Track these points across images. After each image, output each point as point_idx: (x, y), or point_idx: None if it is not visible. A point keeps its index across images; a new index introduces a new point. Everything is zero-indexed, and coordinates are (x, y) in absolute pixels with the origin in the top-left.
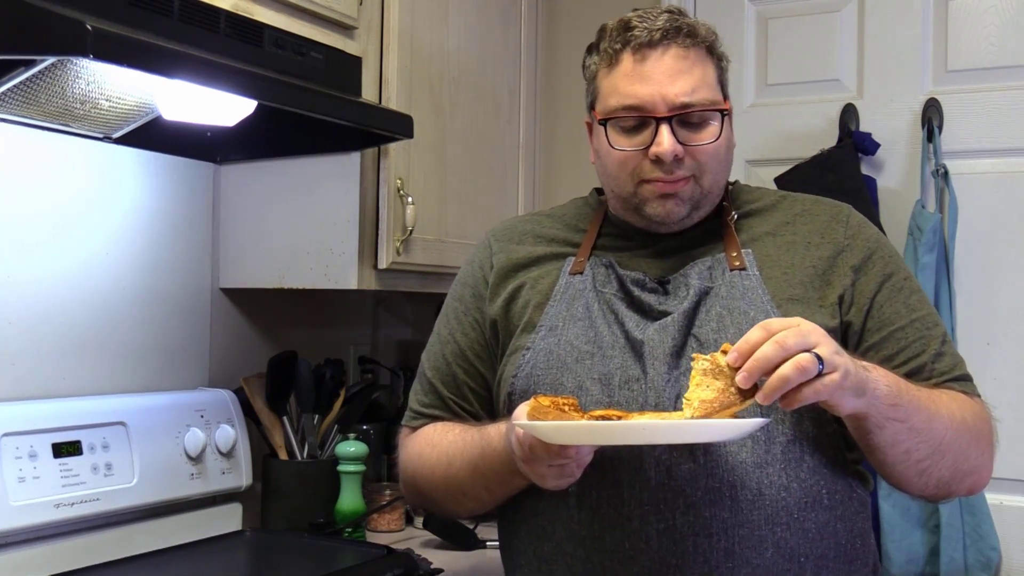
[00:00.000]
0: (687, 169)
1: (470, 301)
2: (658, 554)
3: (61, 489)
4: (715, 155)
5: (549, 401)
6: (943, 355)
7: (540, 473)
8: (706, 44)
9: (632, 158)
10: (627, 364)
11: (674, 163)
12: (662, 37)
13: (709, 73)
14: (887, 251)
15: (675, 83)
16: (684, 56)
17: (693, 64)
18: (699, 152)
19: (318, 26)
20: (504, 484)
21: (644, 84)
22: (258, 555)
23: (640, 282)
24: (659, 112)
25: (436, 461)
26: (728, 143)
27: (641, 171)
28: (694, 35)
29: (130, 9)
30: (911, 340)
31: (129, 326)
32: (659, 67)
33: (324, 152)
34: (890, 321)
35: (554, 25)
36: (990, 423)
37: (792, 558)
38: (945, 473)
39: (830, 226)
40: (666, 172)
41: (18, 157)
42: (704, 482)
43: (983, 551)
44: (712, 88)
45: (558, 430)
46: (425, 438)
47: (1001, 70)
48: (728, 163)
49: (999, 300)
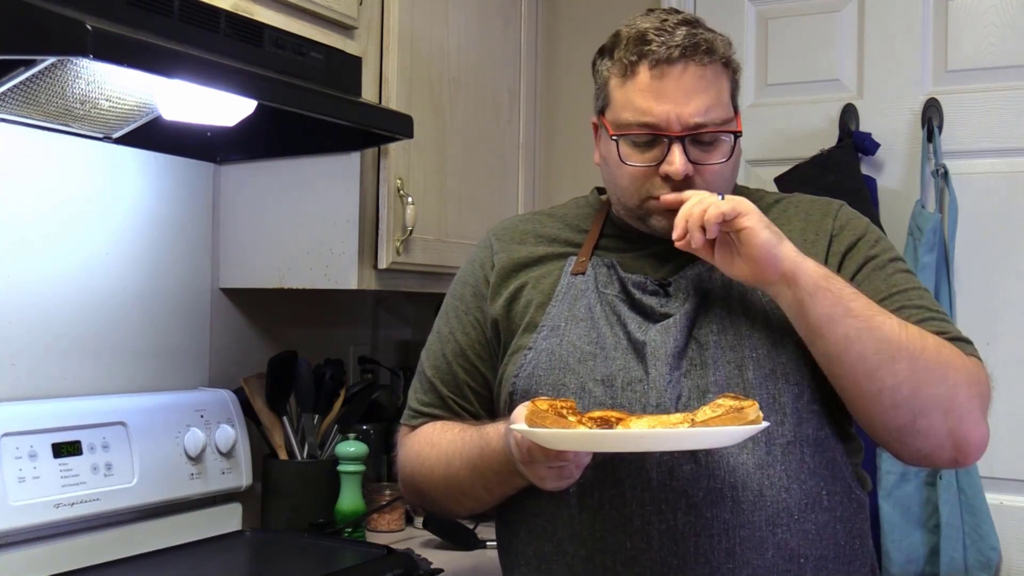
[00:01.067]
0: (695, 187)
1: (471, 300)
2: (659, 555)
3: (61, 489)
4: (722, 175)
5: (547, 404)
6: (933, 320)
7: (539, 475)
8: (723, 60)
9: (643, 174)
10: (629, 365)
11: (684, 182)
12: (681, 55)
13: (724, 90)
14: (874, 236)
15: (691, 103)
16: (702, 75)
17: (710, 83)
18: (708, 172)
19: (318, 26)
20: (504, 484)
21: (660, 102)
22: (258, 555)
23: (641, 285)
24: (673, 131)
25: (435, 460)
26: (736, 163)
27: (651, 187)
28: (712, 52)
29: (130, 9)
30: (897, 308)
31: (129, 326)
32: (677, 86)
33: (324, 152)
34: (876, 291)
35: (554, 25)
36: (980, 377)
37: (792, 559)
38: (904, 389)
39: (822, 221)
40: (675, 190)
41: (18, 157)
42: (705, 483)
43: (983, 551)
44: (726, 107)
45: (555, 437)
46: (424, 437)
47: (1001, 70)
48: (733, 180)
49: (999, 300)
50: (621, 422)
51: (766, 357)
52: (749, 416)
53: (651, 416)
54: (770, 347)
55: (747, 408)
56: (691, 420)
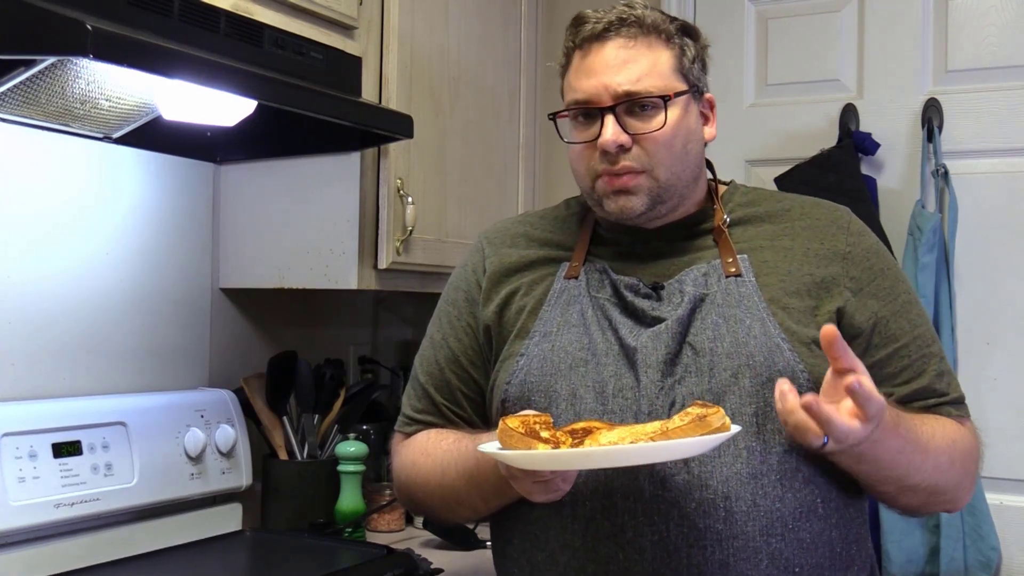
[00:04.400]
0: (635, 160)
1: (463, 306)
2: (652, 565)
3: (61, 489)
4: (665, 144)
5: (519, 421)
6: (943, 375)
7: (526, 490)
8: (656, 31)
9: (585, 151)
10: (620, 372)
11: (620, 153)
12: (605, 29)
13: (661, 61)
14: (888, 262)
15: (618, 73)
16: (627, 46)
17: (639, 53)
18: (647, 141)
19: (318, 26)
20: (500, 495)
21: (588, 78)
22: (258, 555)
23: (634, 287)
24: (603, 103)
25: (430, 470)
26: (684, 131)
27: (594, 163)
28: (640, 23)
29: (130, 9)
30: (914, 359)
31: (129, 326)
32: (602, 59)
33: (324, 152)
34: (895, 338)
35: (554, 25)
36: (977, 451)
37: (787, 568)
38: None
39: (830, 232)
40: (611, 163)
41: (18, 157)
42: (698, 493)
43: (983, 551)
44: (664, 76)
45: (518, 458)
46: (418, 446)
47: (1001, 70)
48: (689, 154)
49: (999, 300)
50: (591, 435)
51: (763, 364)
52: (713, 424)
53: (624, 426)
54: (767, 354)
55: (711, 416)
56: (666, 428)
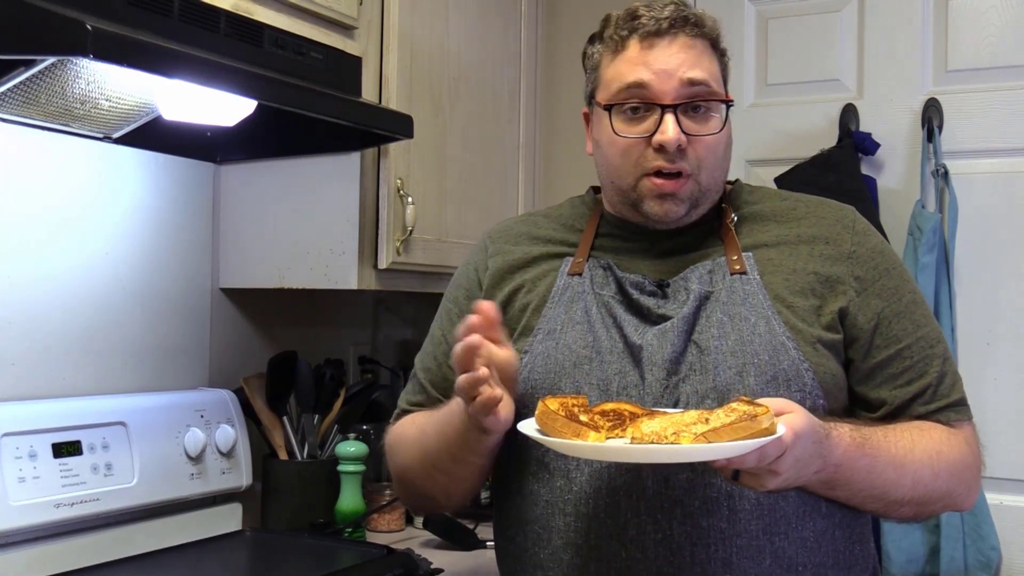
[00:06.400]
0: (687, 162)
1: (464, 303)
2: (655, 564)
3: (61, 489)
4: (715, 149)
5: (558, 403)
6: (945, 375)
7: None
8: (711, 37)
9: (635, 146)
10: (625, 370)
11: (677, 153)
12: (670, 26)
13: (714, 66)
14: (893, 262)
15: (681, 69)
16: (691, 45)
17: (700, 54)
18: (700, 144)
19: (318, 26)
20: (463, 445)
21: (651, 70)
22: (258, 555)
23: (639, 284)
24: (665, 99)
25: (413, 436)
26: (728, 139)
27: (644, 160)
28: (701, 25)
29: (130, 9)
30: (916, 360)
31: (129, 326)
32: (666, 54)
33: (324, 152)
34: (897, 339)
35: (554, 25)
36: (972, 456)
37: (790, 567)
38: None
39: (835, 231)
40: (668, 161)
41: (18, 157)
42: (702, 491)
43: (983, 551)
44: (717, 80)
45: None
46: (408, 418)
47: (1001, 70)
48: (726, 161)
49: (999, 300)
50: (632, 423)
51: (768, 363)
52: (763, 424)
53: (663, 415)
54: (772, 352)
55: (761, 415)
56: (706, 420)
